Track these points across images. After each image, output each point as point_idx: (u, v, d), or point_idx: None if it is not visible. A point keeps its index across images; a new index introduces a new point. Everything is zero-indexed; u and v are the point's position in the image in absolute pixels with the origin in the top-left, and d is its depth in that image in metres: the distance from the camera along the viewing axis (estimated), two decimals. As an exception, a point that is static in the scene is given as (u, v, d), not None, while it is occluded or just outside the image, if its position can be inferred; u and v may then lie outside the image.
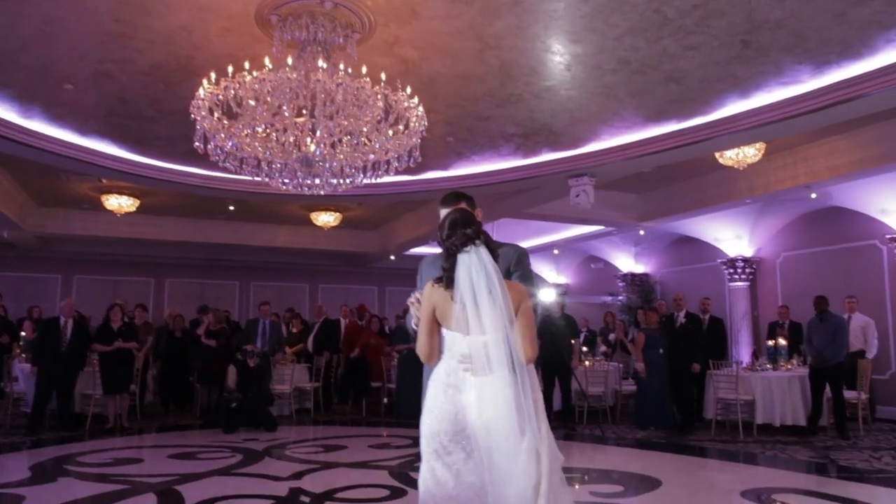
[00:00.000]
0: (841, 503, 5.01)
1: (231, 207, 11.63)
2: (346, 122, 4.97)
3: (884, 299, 9.88)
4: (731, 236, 11.84)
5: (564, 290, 15.03)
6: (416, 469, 6.02)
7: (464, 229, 2.71)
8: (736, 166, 8.36)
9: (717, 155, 8.33)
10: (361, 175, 5.48)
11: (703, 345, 9.06)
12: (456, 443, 2.60)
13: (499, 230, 14.38)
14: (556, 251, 15.03)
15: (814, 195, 9.49)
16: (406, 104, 5.07)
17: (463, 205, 3.09)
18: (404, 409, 9.69)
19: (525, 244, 14.44)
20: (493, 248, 2.73)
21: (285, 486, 5.48)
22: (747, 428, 8.11)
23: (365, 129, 5.08)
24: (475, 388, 2.57)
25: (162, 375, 10.38)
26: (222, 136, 5.09)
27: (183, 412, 10.09)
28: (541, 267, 16.74)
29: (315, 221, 12.03)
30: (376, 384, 10.45)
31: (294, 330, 11.25)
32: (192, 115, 5.08)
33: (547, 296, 8.86)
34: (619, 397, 10.04)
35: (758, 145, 8.12)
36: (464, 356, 2.62)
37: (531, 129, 7.52)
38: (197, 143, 5.20)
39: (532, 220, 11.45)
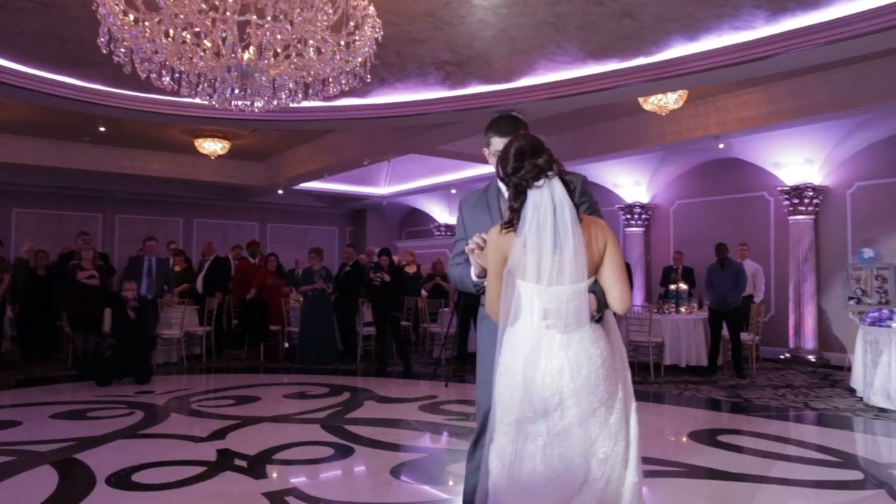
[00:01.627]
0: (785, 442, 5.19)
1: (102, 129, 10.08)
2: (290, 27, 4.20)
3: (768, 248, 10.54)
4: (631, 182, 12.09)
5: None
6: (350, 422, 5.66)
7: (533, 159, 2.23)
8: (658, 112, 8.35)
9: (640, 99, 8.26)
10: (303, 93, 4.71)
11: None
12: (540, 412, 2.18)
13: (394, 167, 13.83)
14: (453, 191, 14.70)
15: (721, 146, 9.79)
16: (356, 3, 4.36)
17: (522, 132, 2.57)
18: (310, 354, 9.12)
19: (422, 183, 14.21)
20: (568, 180, 2.26)
21: (210, 448, 4.81)
22: (656, 369, 8.38)
23: (314, 39, 4.32)
24: (564, 347, 2.16)
25: (22, 319, 8.97)
26: (128, 36, 4.11)
27: (49, 362, 8.82)
28: (432, 207, 16.42)
29: (200, 149, 10.78)
30: (275, 328, 9.72)
31: (177, 269, 10.14)
32: (95, 4, 4.06)
33: (468, 237, 8.50)
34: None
35: (681, 92, 8.12)
36: (546, 311, 2.19)
37: (466, 58, 6.97)
38: (101, 39, 4.18)
39: (442, 157, 10.95)
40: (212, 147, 10.66)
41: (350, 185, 14.78)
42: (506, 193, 2.51)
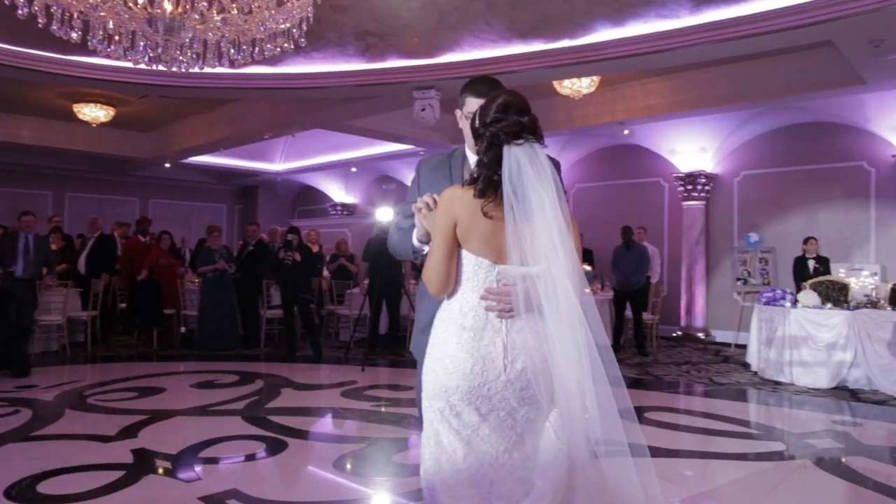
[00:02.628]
0: (708, 417, 5.43)
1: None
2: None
3: (662, 231, 11.07)
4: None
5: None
6: (273, 412, 5.30)
7: (518, 116, 1.97)
8: (573, 96, 8.46)
9: (555, 83, 8.32)
10: (237, 54, 4.28)
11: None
12: (469, 403, 1.95)
13: (291, 142, 13.23)
14: (353, 169, 14.30)
15: (626, 132, 10.11)
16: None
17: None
18: (211, 339, 8.54)
19: (321, 160, 13.68)
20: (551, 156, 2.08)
21: (123, 448, 4.31)
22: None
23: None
24: (500, 332, 1.95)
25: None
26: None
27: None
28: (329, 185, 15.91)
29: (79, 115, 9.71)
30: (169, 311, 9.00)
31: (54, 247, 9.11)
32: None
33: (385, 215, 8.24)
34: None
35: (594, 77, 8.27)
36: (489, 291, 1.96)
37: (390, 29, 6.69)
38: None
39: (350, 134, 10.54)
40: (93, 114, 9.64)
41: (243, 160, 13.98)
42: (472, 160, 2.30)
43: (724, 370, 7.69)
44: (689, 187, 10.47)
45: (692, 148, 10.35)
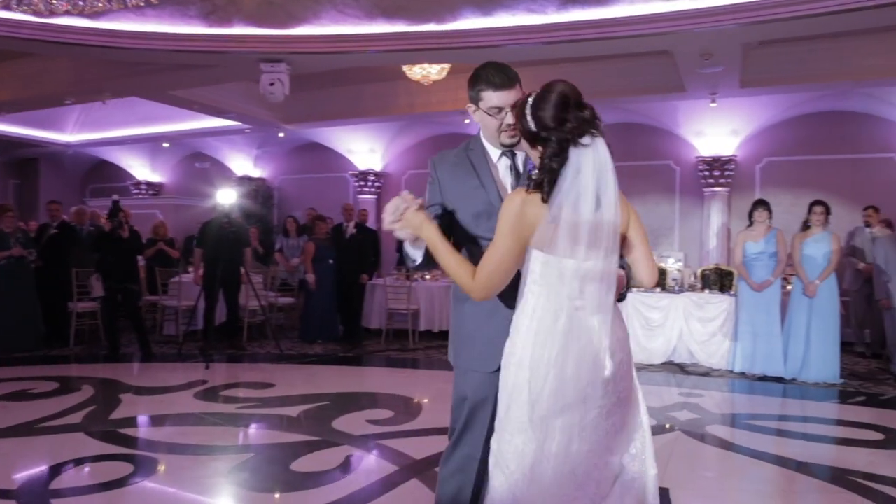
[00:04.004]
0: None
1: None
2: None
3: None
4: (366, 149, 12.01)
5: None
6: (122, 424, 4.52)
7: (578, 111, 1.90)
8: (422, 81, 8.39)
9: (406, 67, 8.19)
10: None
11: (371, 255, 9.14)
12: (570, 405, 1.92)
13: (88, 112, 11.63)
14: (165, 144, 12.92)
15: (467, 121, 10.24)
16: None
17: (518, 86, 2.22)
18: (7, 340, 7.19)
19: (126, 132, 12.22)
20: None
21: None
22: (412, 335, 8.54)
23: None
24: (594, 330, 1.92)
25: None
26: None
27: None
28: (132, 161, 14.24)
29: None
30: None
31: None
32: None
33: (227, 197, 7.45)
34: (274, 310, 9.41)
35: (446, 64, 8.26)
36: (574, 290, 1.90)
37: (246, -9, 6.08)
38: None
39: (173, 105, 9.43)
40: None
41: (24, 128, 11.93)
42: (491, 152, 2.25)
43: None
44: (520, 177, 10.95)
45: (524, 140, 10.82)
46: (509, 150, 2.24)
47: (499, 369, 2.06)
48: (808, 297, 6.42)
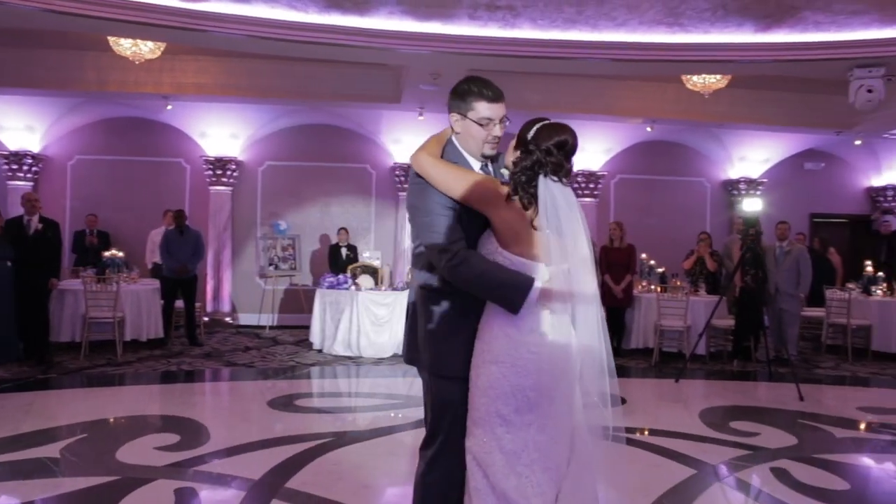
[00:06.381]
0: (362, 396, 5.85)
1: None
2: None
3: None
4: (22, 126, 9.97)
5: None
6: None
7: (566, 160, 2.27)
8: (132, 58, 7.51)
9: (113, 40, 7.24)
10: None
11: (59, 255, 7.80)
12: (536, 401, 2.21)
13: None
14: None
15: (170, 107, 9.32)
16: None
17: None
18: None
19: None
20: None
21: None
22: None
23: None
24: (556, 329, 2.25)
25: None
26: None
27: None
28: None
29: None
30: None
31: None
32: None
33: None
34: None
35: (158, 43, 7.50)
36: (543, 292, 2.22)
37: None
38: None
39: None
40: None
41: None
42: (472, 162, 2.41)
43: (291, 351, 8.17)
44: (219, 172, 10.41)
45: (224, 133, 10.32)
46: (486, 161, 2.45)
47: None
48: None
